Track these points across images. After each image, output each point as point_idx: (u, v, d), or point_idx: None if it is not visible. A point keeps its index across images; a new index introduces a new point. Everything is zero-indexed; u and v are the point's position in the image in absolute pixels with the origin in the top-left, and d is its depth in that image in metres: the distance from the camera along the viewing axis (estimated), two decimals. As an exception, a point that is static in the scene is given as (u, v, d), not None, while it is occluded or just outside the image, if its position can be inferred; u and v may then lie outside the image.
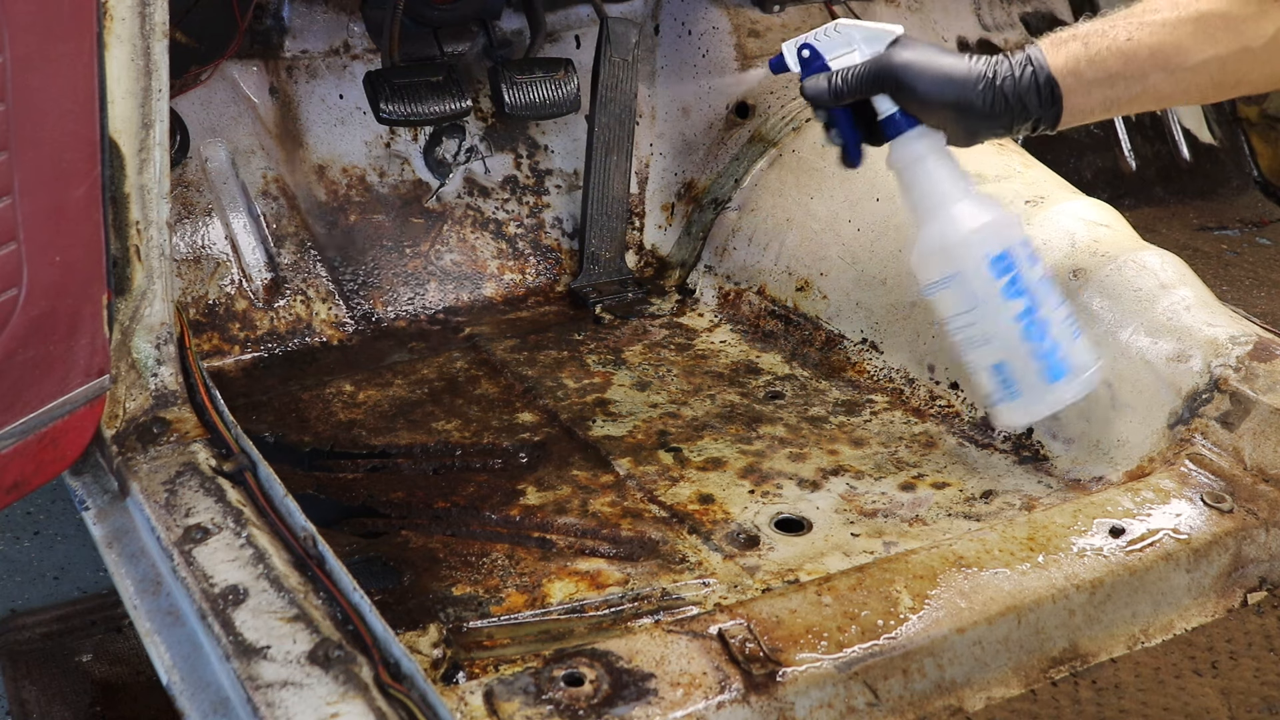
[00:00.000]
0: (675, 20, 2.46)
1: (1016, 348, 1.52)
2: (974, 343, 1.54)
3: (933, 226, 1.56)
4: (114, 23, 1.28)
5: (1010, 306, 1.52)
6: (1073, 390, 1.52)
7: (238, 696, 1.13)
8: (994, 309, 1.52)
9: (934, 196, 1.56)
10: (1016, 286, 1.52)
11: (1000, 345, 1.52)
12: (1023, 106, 1.53)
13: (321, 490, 1.71)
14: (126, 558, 1.36)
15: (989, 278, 1.52)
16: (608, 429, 1.85)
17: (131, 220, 1.40)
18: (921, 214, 1.58)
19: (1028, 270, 1.53)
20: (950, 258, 1.54)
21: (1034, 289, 1.52)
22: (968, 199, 1.56)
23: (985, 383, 1.56)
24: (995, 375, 1.53)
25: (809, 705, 1.20)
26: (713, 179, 2.36)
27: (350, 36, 2.26)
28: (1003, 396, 1.53)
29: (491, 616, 1.45)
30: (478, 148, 2.34)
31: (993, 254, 1.52)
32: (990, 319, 1.52)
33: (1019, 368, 1.52)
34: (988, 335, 1.53)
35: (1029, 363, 1.51)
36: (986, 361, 1.54)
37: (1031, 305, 1.52)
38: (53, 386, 1.32)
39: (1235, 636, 1.38)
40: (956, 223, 1.54)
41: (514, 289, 2.30)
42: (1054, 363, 1.51)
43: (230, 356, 2.04)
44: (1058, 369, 1.52)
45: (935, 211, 1.56)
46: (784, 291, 2.14)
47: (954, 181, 1.56)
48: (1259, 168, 3.06)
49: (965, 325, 1.54)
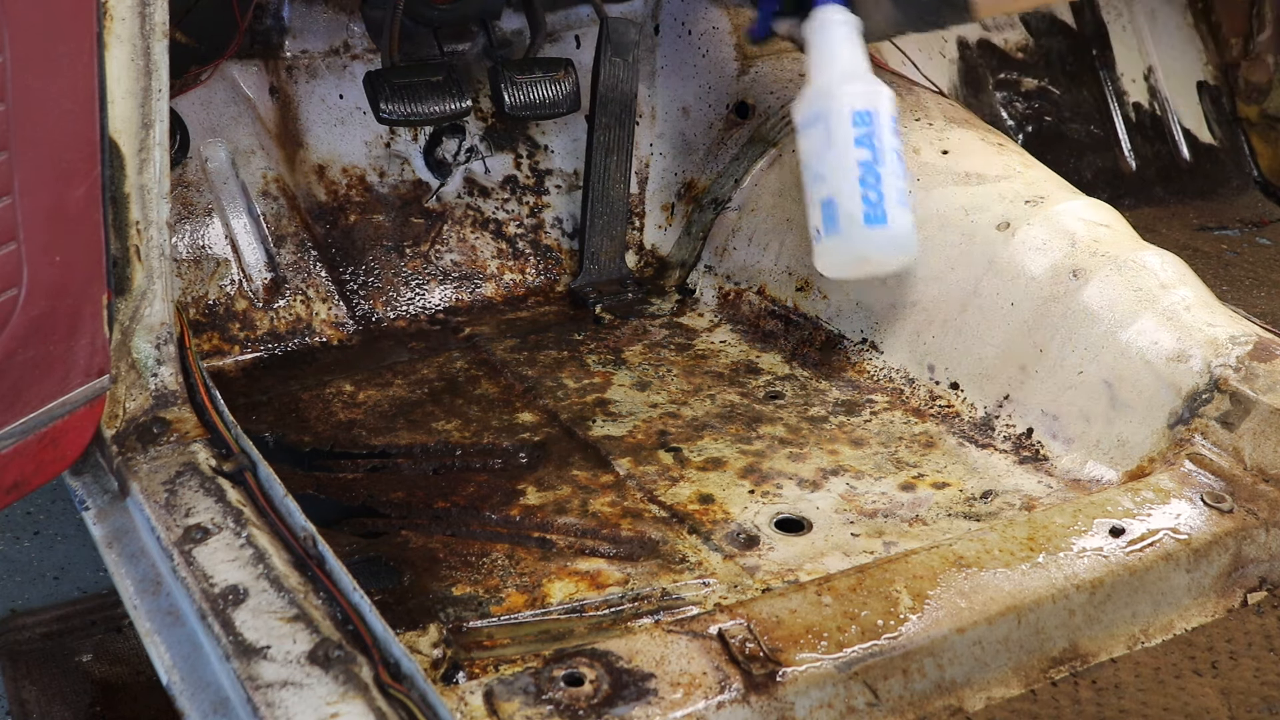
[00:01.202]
0: (675, 20, 2.46)
1: (849, 188, 1.73)
2: (819, 178, 1.76)
3: (820, 77, 1.79)
4: (114, 23, 1.28)
5: (856, 153, 1.73)
6: (884, 240, 1.74)
7: (238, 696, 1.13)
8: (843, 151, 1.73)
9: (831, 57, 1.79)
10: (869, 142, 1.74)
11: (836, 183, 1.73)
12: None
13: (321, 490, 1.71)
14: (126, 558, 1.36)
15: (847, 125, 1.74)
16: (608, 429, 1.85)
17: (131, 220, 1.40)
18: (815, 68, 1.81)
19: (885, 135, 1.75)
20: (825, 100, 1.76)
21: (883, 150, 1.74)
22: (857, 66, 1.79)
23: (815, 217, 1.77)
24: (825, 209, 1.75)
25: (809, 705, 1.20)
26: (713, 179, 2.36)
27: (350, 36, 2.26)
28: (826, 230, 1.75)
29: (491, 616, 1.45)
30: (478, 148, 2.34)
31: (858, 109, 1.74)
32: (837, 158, 1.74)
33: (845, 205, 1.73)
34: (829, 174, 1.74)
35: (855, 203, 1.72)
36: (821, 195, 1.75)
37: (875, 160, 1.73)
38: (53, 386, 1.32)
39: (1235, 636, 1.38)
40: (840, 76, 1.78)
41: (514, 289, 2.30)
42: (877, 211, 1.72)
43: (230, 356, 2.04)
44: (878, 216, 1.73)
45: (826, 67, 1.79)
46: (784, 291, 2.14)
47: (853, 53, 1.79)
48: (1259, 168, 3.06)
49: (817, 161, 1.76)
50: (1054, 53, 2.92)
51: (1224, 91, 3.10)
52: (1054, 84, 2.90)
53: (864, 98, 1.75)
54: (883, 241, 1.74)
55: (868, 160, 1.72)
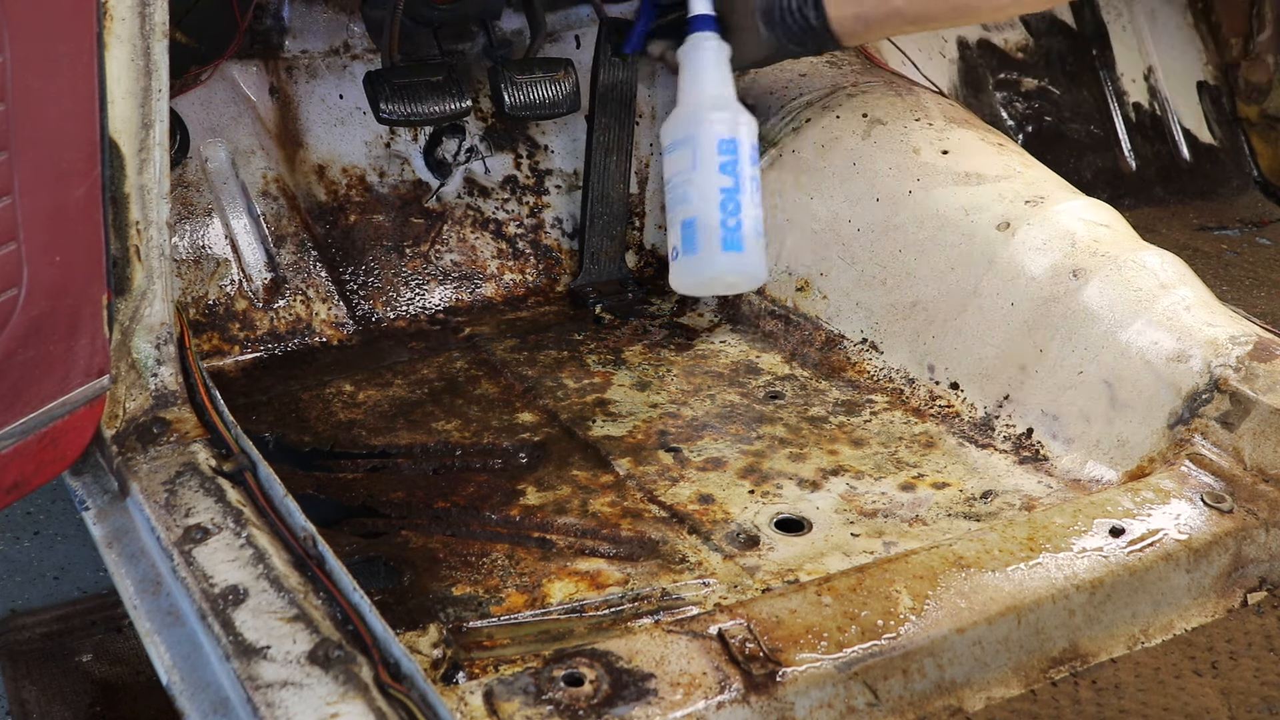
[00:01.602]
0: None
1: (709, 212, 1.78)
2: (681, 199, 1.81)
3: (688, 101, 1.85)
4: (114, 23, 1.28)
5: (719, 179, 1.79)
6: (737, 265, 1.79)
7: (238, 696, 1.13)
8: (706, 175, 1.79)
9: (702, 82, 1.86)
10: (732, 170, 1.80)
11: (698, 206, 1.79)
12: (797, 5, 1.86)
13: (321, 490, 1.71)
14: (126, 558, 1.36)
15: (713, 151, 1.79)
16: (608, 429, 1.85)
17: (131, 220, 1.40)
18: (684, 92, 1.87)
19: (746, 166, 1.81)
20: (691, 125, 1.82)
21: (744, 179, 1.80)
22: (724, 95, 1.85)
23: (675, 237, 1.82)
24: (684, 230, 1.80)
25: (809, 705, 1.20)
26: (713, 179, 2.36)
27: (350, 36, 2.26)
28: (683, 250, 1.80)
29: (491, 616, 1.45)
30: (478, 148, 2.34)
31: (723, 136, 1.80)
32: (700, 182, 1.79)
33: (704, 228, 1.78)
34: (692, 196, 1.79)
35: (713, 227, 1.78)
36: (682, 216, 1.80)
37: (736, 188, 1.79)
38: (53, 386, 1.32)
39: (1235, 636, 1.38)
40: (708, 102, 1.83)
41: (514, 289, 2.30)
42: (733, 237, 1.78)
43: (230, 356, 2.04)
44: (734, 243, 1.78)
45: (694, 92, 1.86)
46: (784, 291, 2.14)
47: (722, 80, 1.86)
48: (1259, 168, 3.06)
49: (681, 183, 1.81)
50: (1054, 53, 2.92)
51: (1224, 91, 3.10)
52: (1054, 84, 2.90)
53: (729, 126, 1.81)
54: (736, 266, 1.79)
55: (729, 187, 1.78)
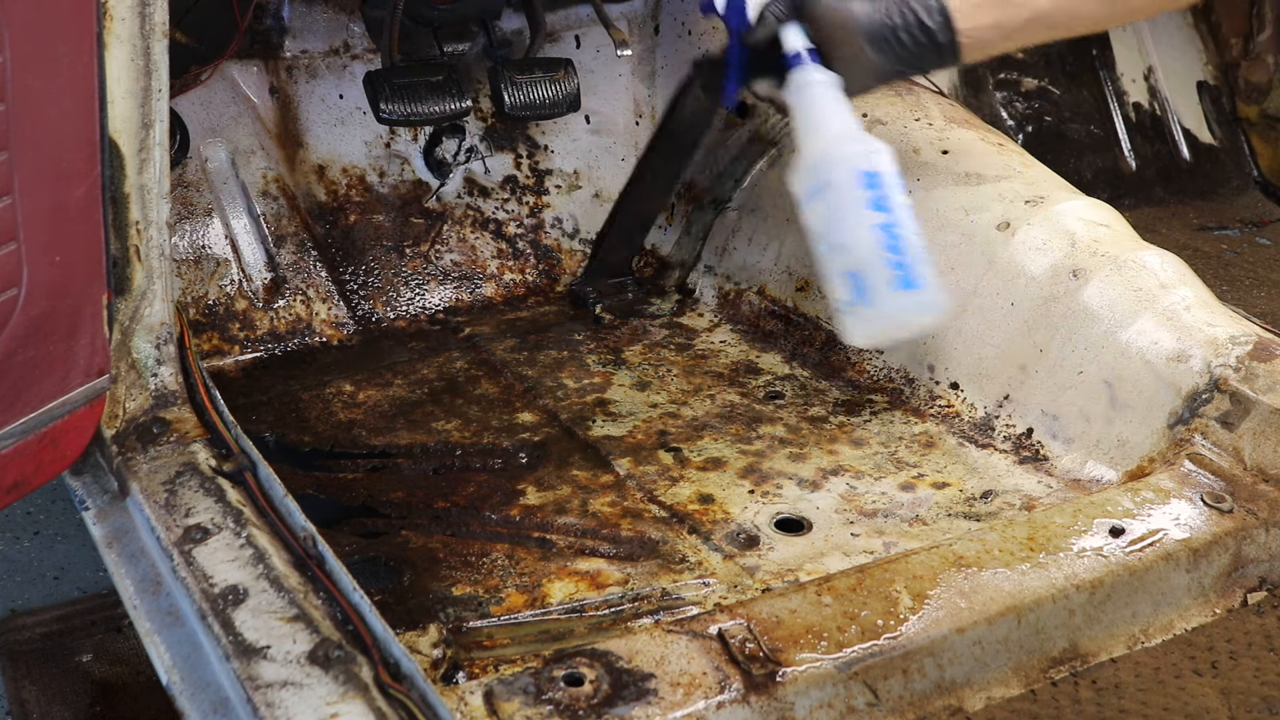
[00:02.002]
0: (675, 20, 2.46)
1: (873, 256, 1.61)
2: (835, 250, 1.64)
3: (815, 144, 1.68)
4: (114, 23, 1.28)
5: (872, 217, 1.61)
6: (919, 306, 1.63)
7: (238, 696, 1.13)
8: (857, 217, 1.62)
9: (821, 119, 1.69)
10: (881, 203, 1.62)
11: (858, 253, 1.61)
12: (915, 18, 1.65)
13: (321, 490, 1.71)
14: (126, 558, 1.36)
15: (856, 189, 1.62)
16: (608, 429, 1.85)
17: (131, 220, 1.40)
18: (806, 135, 1.70)
19: (895, 193, 1.63)
20: (826, 168, 1.65)
21: (898, 210, 1.63)
22: (850, 126, 1.68)
23: (840, 290, 1.64)
24: (849, 282, 1.63)
25: (809, 705, 1.20)
26: (713, 179, 2.36)
27: (350, 36, 2.26)
28: (853, 302, 1.63)
29: (491, 616, 1.45)
30: (478, 148, 2.34)
31: (863, 169, 1.63)
32: (852, 227, 1.62)
33: (872, 275, 1.61)
34: (848, 243, 1.62)
35: (882, 271, 1.60)
36: (844, 266, 1.63)
37: (892, 222, 1.61)
38: (53, 386, 1.32)
39: (1235, 636, 1.38)
40: (835, 139, 1.67)
41: (514, 289, 2.30)
42: (906, 275, 1.61)
43: (230, 356, 2.04)
44: (909, 281, 1.61)
45: (819, 132, 1.68)
46: (784, 291, 2.14)
47: (840, 111, 1.68)
48: (1259, 168, 3.06)
49: (830, 231, 1.64)
50: (1054, 53, 2.91)
51: (1224, 91, 3.09)
52: (1054, 84, 2.90)
53: (867, 158, 1.65)
54: (916, 305, 1.63)
55: (885, 223, 1.62)
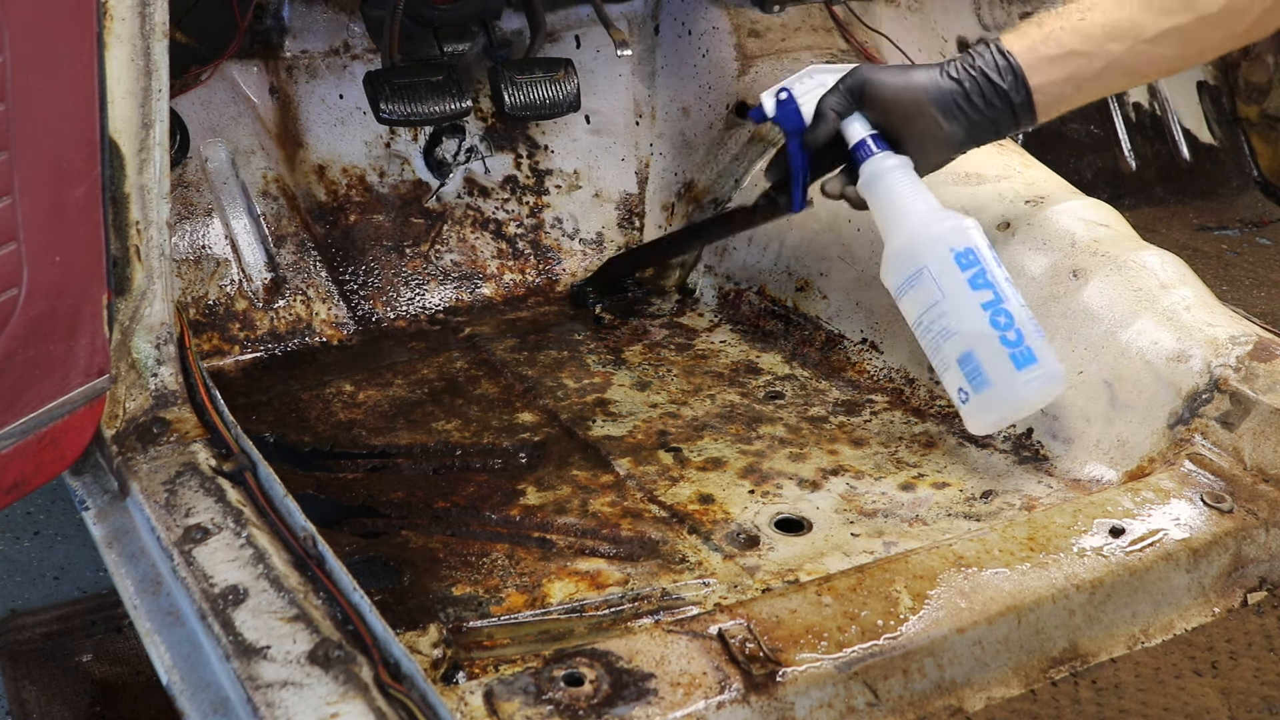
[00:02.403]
0: (675, 20, 2.46)
1: (984, 335, 1.57)
2: (943, 336, 1.60)
3: (901, 232, 1.63)
4: (114, 23, 1.28)
5: (977, 296, 1.57)
6: (1041, 380, 1.57)
7: (238, 696, 1.13)
8: (961, 299, 1.58)
9: (902, 207, 1.64)
10: (982, 279, 1.59)
11: (968, 335, 1.57)
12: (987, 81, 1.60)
13: (321, 490, 1.71)
14: (126, 558, 1.36)
15: (955, 269, 1.58)
16: (608, 429, 1.85)
17: (131, 220, 1.40)
18: (891, 225, 1.65)
19: (993, 266, 1.60)
20: (917, 254, 1.61)
21: (999, 283, 1.59)
22: (932, 207, 1.63)
23: (955, 379, 1.60)
24: (964, 366, 1.58)
25: (809, 705, 1.20)
26: (713, 179, 2.36)
27: (350, 36, 2.26)
28: (975, 389, 1.58)
29: (491, 616, 1.45)
30: (478, 148, 2.34)
31: (958, 249, 1.59)
32: (957, 309, 1.58)
33: (987, 355, 1.57)
34: (955, 327, 1.58)
35: (997, 349, 1.56)
36: (955, 353, 1.59)
37: (998, 296, 1.58)
38: (53, 386, 1.32)
39: (1235, 636, 1.38)
40: (923, 223, 1.62)
41: (514, 289, 2.30)
42: (1022, 350, 1.56)
43: (230, 356, 2.04)
44: (1027, 356, 1.56)
45: (903, 220, 1.63)
46: (784, 291, 2.14)
47: (919, 194, 1.64)
48: (1259, 168, 3.06)
49: (934, 320, 1.60)
50: (1054, 53, 2.91)
51: (1224, 91, 3.10)
52: (1054, 84, 2.90)
53: (959, 235, 1.60)
54: (1040, 380, 1.58)
55: (990, 300, 1.57)
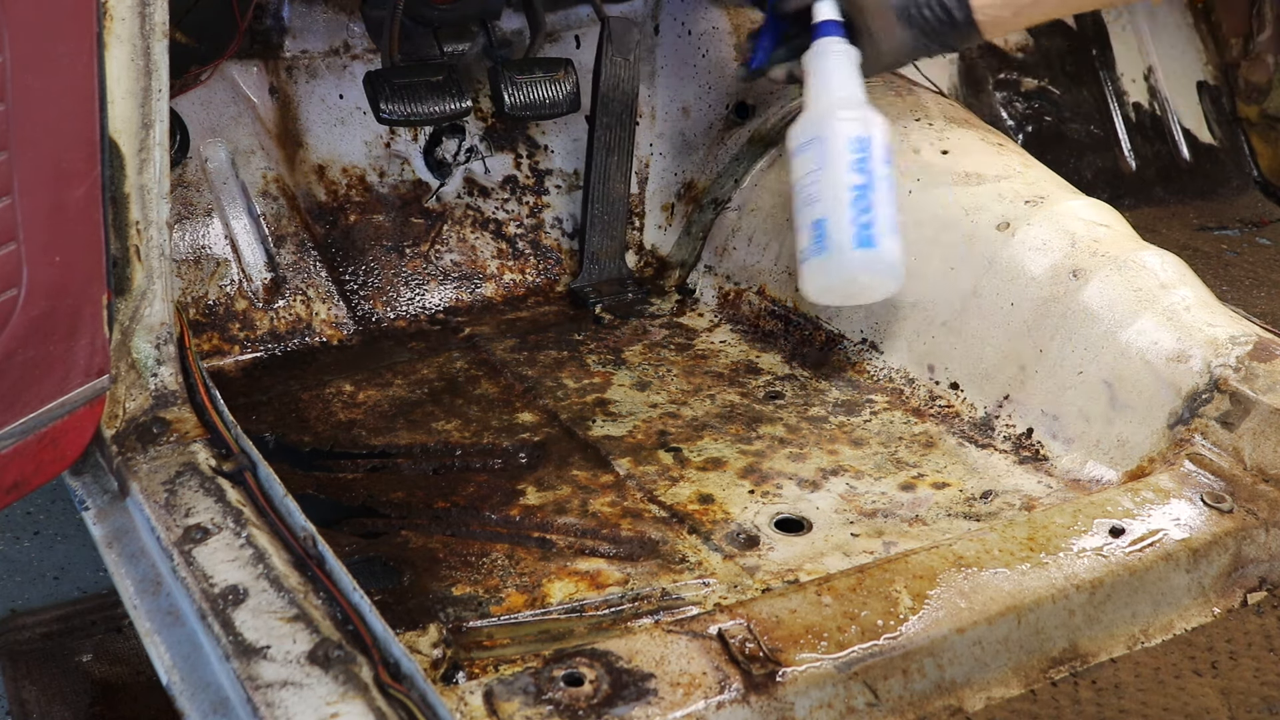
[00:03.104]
0: (675, 20, 2.46)
1: (840, 210, 1.70)
2: (809, 199, 1.74)
3: (820, 103, 1.78)
4: (114, 23, 1.28)
5: (850, 177, 1.71)
6: (872, 264, 1.71)
7: (238, 696, 1.13)
8: (836, 174, 1.72)
9: (829, 85, 1.80)
10: (863, 168, 1.72)
11: (828, 204, 1.71)
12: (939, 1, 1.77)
13: (321, 490, 1.71)
14: (126, 558, 1.36)
15: (843, 150, 1.73)
16: (608, 429, 1.85)
17: (131, 220, 1.40)
18: (814, 95, 1.80)
19: (879, 165, 1.73)
20: (821, 125, 1.76)
21: (877, 178, 1.72)
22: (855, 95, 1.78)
23: (805, 239, 1.74)
24: (814, 231, 1.72)
25: (809, 705, 1.20)
26: (713, 179, 2.36)
27: (350, 36, 2.26)
28: (814, 251, 1.72)
29: (491, 616, 1.45)
30: (478, 148, 2.34)
31: (853, 134, 1.74)
32: (828, 180, 1.72)
33: (835, 227, 1.70)
34: (820, 195, 1.72)
35: (845, 225, 1.70)
36: (812, 216, 1.73)
37: (868, 185, 1.71)
38: (53, 386, 1.32)
39: (1235, 636, 1.38)
40: (839, 102, 1.77)
41: (514, 289, 2.30)
42: (866, 234, 1.70)
43: (230, 356, 2.04)
44: (867, 239, 1.70)
45: (825, 94, 1.79)
46: (784, 291, 2.14)
47: (851, 82, 1.79)
48: (1259, 168, 3.06)
49: (809, 184, 1.74)
50: (1054, 53, 2.91)
51: (1224, 91, 3.09)
52: (1054, 84, 2.90)
53: (860, 124, 1.75)
54: (871, 265, 1.72)
55: (861, 185, 1.71)
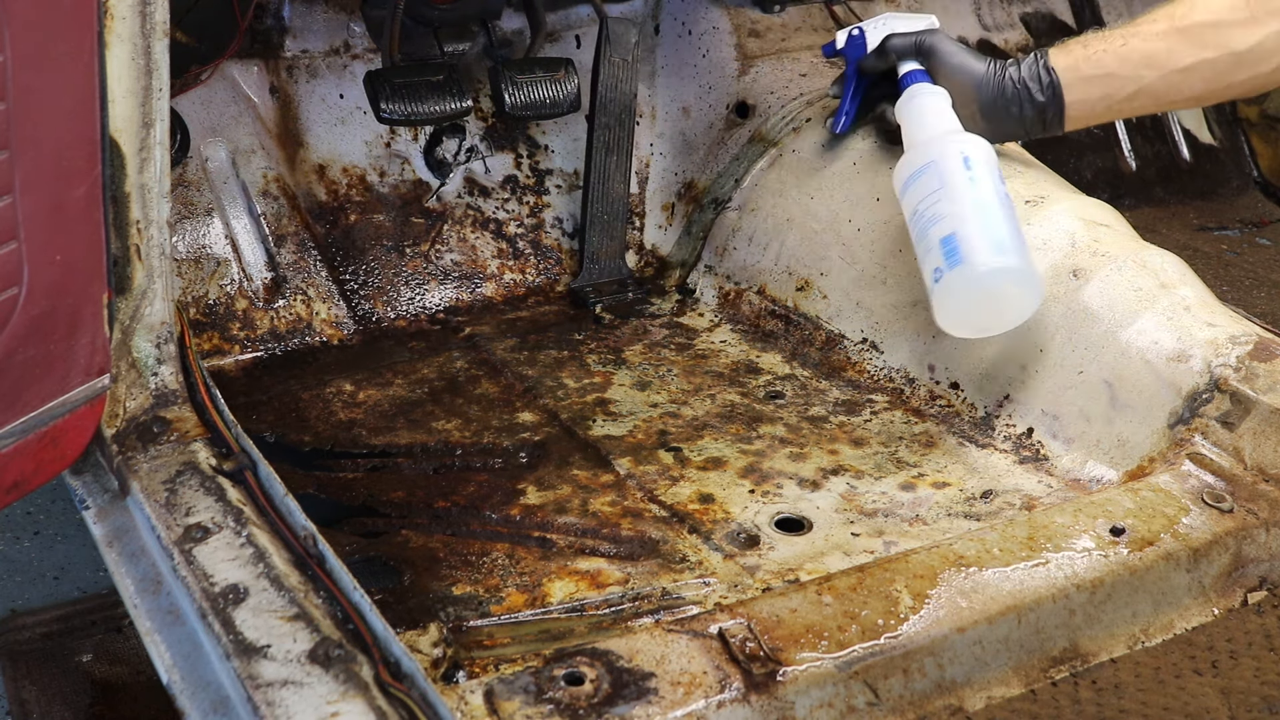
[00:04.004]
0: (675, 20, 2.46)
1: (972, 222, 1.65)
2: (933, 220, 1.69)
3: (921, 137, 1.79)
4: (115, 21, 1.28)
5: (974, 192, 1.68)
6: (1014, 274, 1.64)
7: (238, 695, 1.13)
8: (957, 187, 1.69)
9: (929, 119, 1.80)
10: (984, 184, 1.70)
11: (955, 216, 1.66)
12: (1027, 92, 1.78)
13: (321, 490, 1.71)
14: (126, 557, 1.36)
15: (959, 167, 1.70)
16: (608, 429, 1.85)
17: (132, 219, 1.40)
18: (914, 132, 1.81)
19: (998, 181, 1.71)
20: (931, 151, 1.74)
21: (999, 193, 1.69)
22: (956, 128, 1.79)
23: (934, 260, 1.68)
24: (945, 246, 1.66)
25: (809, 704, 1.20)
26: (713, 179, 2.36)
27: (350, 36, 2.26)
28: (948, 266, 1.65)
29: (492, 616, 1.45)
30: (478, 147, 2.34)
31: (967, 154, 1.72)
32: (951, 195, 1.68)
33: (968, 235, 1.65)
34: (946, 211, 1.68)
35: (979, 235, 1.64)
36: (940, 234, 1.67)
37: (993, 200, 1.68)
38: (53, 386, 1.32)
39: (1235, 636, 1.38)
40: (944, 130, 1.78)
41: (514, 289, 2.30)
42: (1001, 240, 1.64)
43: (230, 356, 2.04)
44: (1003, 246, 1.64)
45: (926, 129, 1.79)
46: (784, 291, 2.14)
47: (948, 116, 1.80)
48: (1259, 168, 3.06)
49: (929, 206, 1.70)
50: (1054, 53, 2.91)
51: (1224, 92, 3.09)
52: (1054, 84, 2.90)
53: (972, 145, 1.73)
54: (1011, 274, 1.63)
55: (986, 199, 1.67)
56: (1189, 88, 1.74)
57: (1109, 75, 1.75)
